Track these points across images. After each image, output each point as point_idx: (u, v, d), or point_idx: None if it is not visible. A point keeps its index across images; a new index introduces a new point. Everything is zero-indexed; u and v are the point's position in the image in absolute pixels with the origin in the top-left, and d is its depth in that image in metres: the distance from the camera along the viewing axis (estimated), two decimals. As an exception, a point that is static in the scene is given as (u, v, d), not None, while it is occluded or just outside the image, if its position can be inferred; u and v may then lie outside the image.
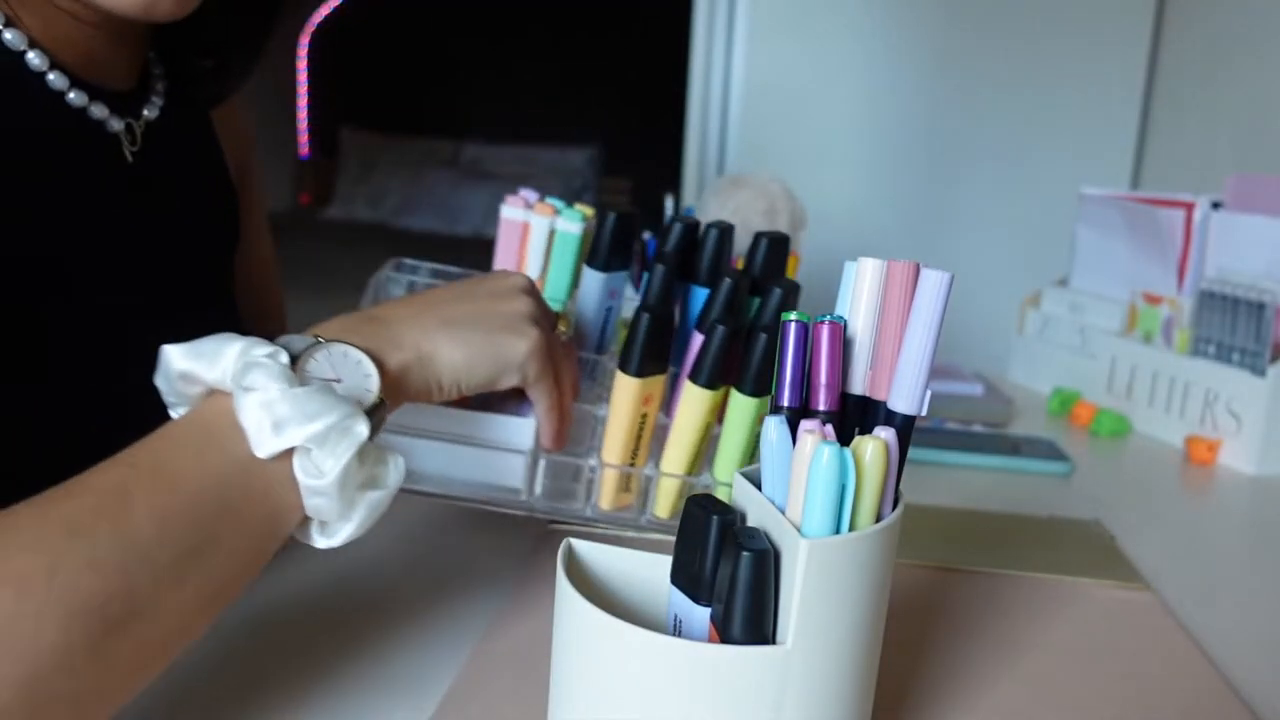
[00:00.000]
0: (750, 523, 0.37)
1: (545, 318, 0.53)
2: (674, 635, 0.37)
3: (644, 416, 0.58)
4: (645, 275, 0.59)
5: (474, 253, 1.08)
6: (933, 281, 0.37)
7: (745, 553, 0.34)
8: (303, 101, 4.35)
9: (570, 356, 0.57)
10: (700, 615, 0.36)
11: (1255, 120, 1.40)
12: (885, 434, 0.35)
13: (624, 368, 0.56)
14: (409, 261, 0.70)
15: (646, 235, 1.02)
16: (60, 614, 0.33)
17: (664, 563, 0.39)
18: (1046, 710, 0.49)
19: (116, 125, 0.57)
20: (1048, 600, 0.61)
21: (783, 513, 0.35)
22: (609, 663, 0.35)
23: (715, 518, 0.36)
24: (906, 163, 1.80)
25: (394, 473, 0.43)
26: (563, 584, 0.36)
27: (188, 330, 0.58)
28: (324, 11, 4.26)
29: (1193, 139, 1.61)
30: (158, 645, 0.37)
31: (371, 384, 0.43)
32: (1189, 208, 1.03)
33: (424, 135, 4.20)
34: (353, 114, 4.27)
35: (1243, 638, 0.58)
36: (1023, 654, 0.54)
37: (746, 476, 0.39)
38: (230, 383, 0.39)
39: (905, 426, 0.37)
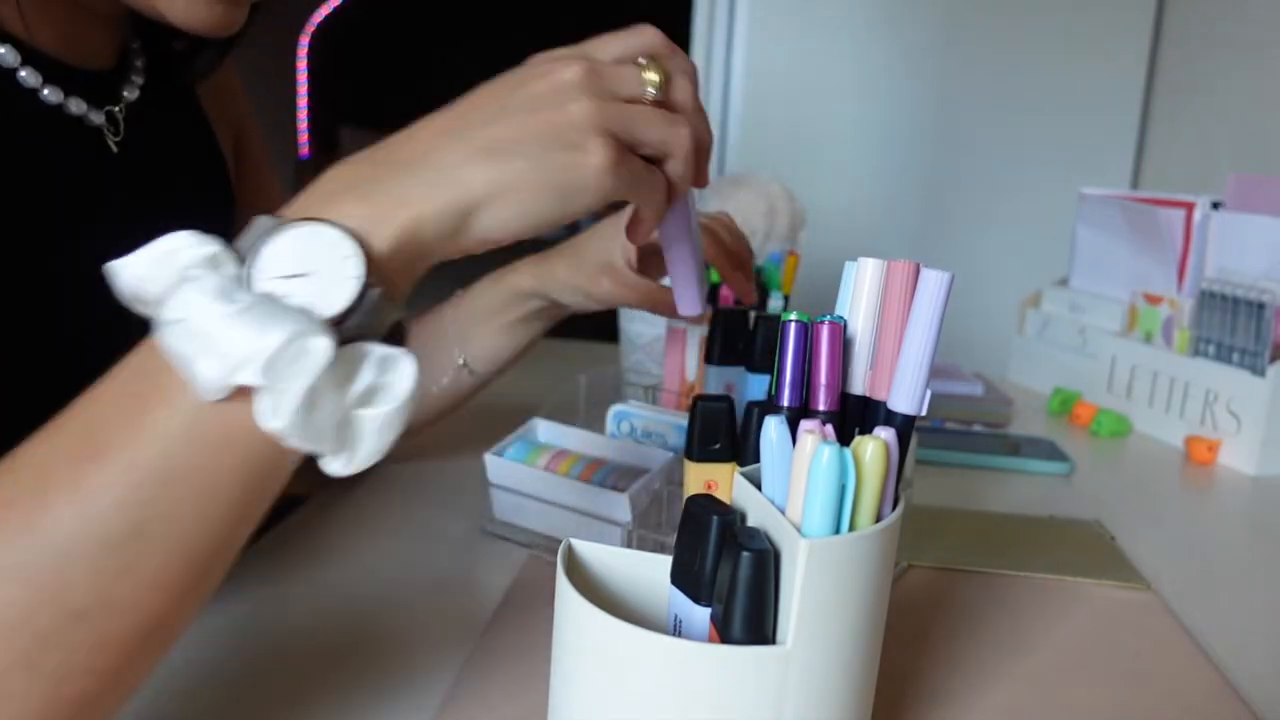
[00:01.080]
0: (750, 523, 0.37)
1: (617, 105, 0.40)
2: (674, 635, 0.37)
3: None
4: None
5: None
6: (933, 281, 0.37)
7: (745, 552, 0.33)
8: (303, 101, 4.35)
9: (674, 129, 0.42)
10: (700, 615, 0.36)
11: (1255, 120, 1.40)
12: (885, 434, 0.35)
13: (687, 454, 0.56)
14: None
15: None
16: (30, 688, 0.30)
17: (664, 563, 0.39)
18: (1046, 710, 0.49)
19: (97, 118, 0.55)
20: (1048, 600, 0.61)
21: (783, 513, 0.35)
22: (610, 663, 0.35)
23: (716, 518, 0.36)
24: (907, 163, 1.80)
25: (402, 380, 0.34)
26: (563, 584, 0.36)
27: None
28: (324, 11, 4.26)
29: (1193, 139, 1.61)
30: (127, 641, 0.32)
31: (351, 268, 0.33)
32: (1189, 208, 1.03)
33: (424, 135, 4.20)
34: (353, 114, 4.27)
35: (1243, 638, 0.58)
36: (1023, 654, 0.54)
37: (746, 477, 0.39)
38: (162, 309, 0.32)
39: (905, 426, 0.37)
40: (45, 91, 0.52)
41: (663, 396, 0.78)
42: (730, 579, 0.34)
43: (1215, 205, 1.02)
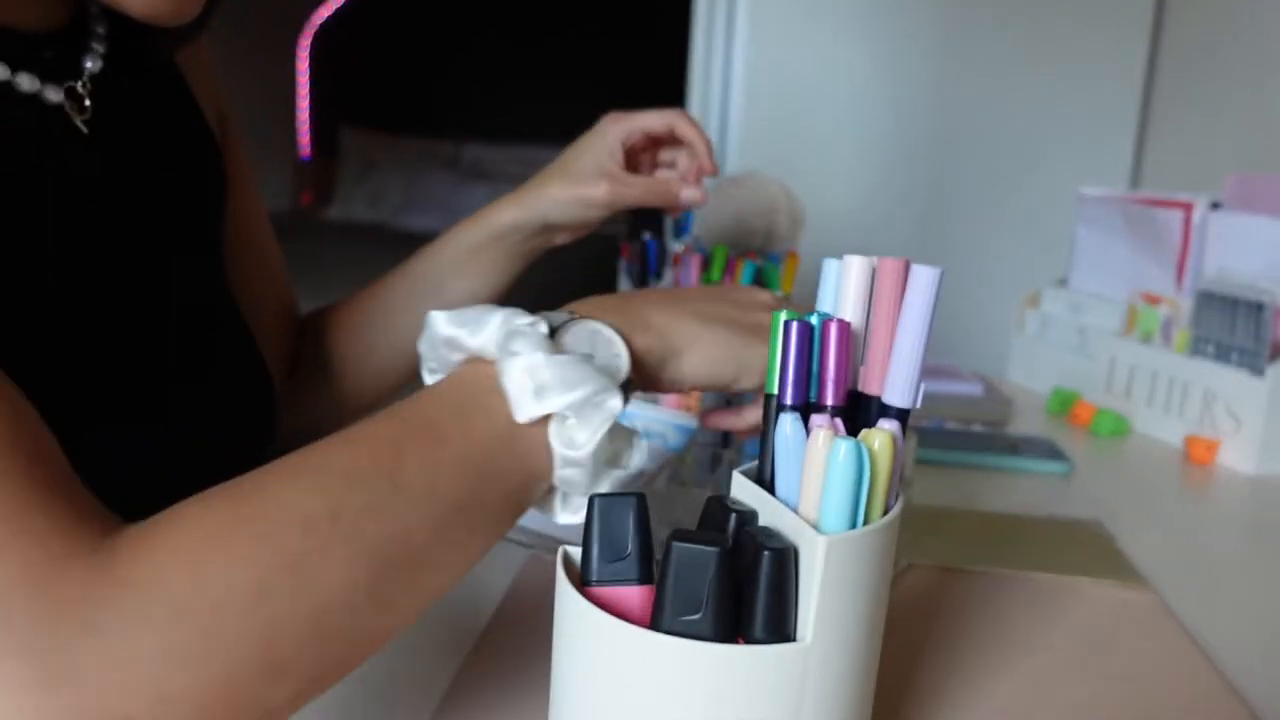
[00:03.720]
0: (761, 522, 0.37)
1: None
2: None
3: None
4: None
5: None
6: (923, 277, 0.37)
7: (766, 551, 0.33)
8: (303, 102, 4.34)
9: None
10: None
11: (1255, 120, 1.40)
12: (890, 425, 0.36)
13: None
14: None
15: (647, 236, 1.02)
16: (343, 554, 0.34)
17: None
18: (1046, 710, 0.49)
19: (54, 95, 0.47)
20: (1047, 600, 0.61)
21: (795, 510, 0.35)
22: (618, 667, 0.34)
23: (734, 514, 0.36)
24: (906, 163, 1.80)
25: (638, 454, 0.43)
26: (564, 586, 0.36)
27: (176, 290, 0.54)
28: (324, 11, 4.26)
29: (1193, 139, 1.61)
30: (421, 593, 0.38)
31: (622, 362, 0.43)
32: (1188, 208, 1.03)
33: (424, 135, 4.19)
34: (353, 114, 4.27)
35: (1242, 638, 0.58)
36: (1021, 653, 0.54)
37: (746, 475, 0.39)
38: (494, 349, 0.40)
39: (901, 420, 0.38)
40: None
41: (663, 396, 0.78)
42: (751, 579, 0.34)
43: (1214, 205, 1.02)
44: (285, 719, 0.34)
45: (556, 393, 0.39)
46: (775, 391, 0.38)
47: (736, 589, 0.34)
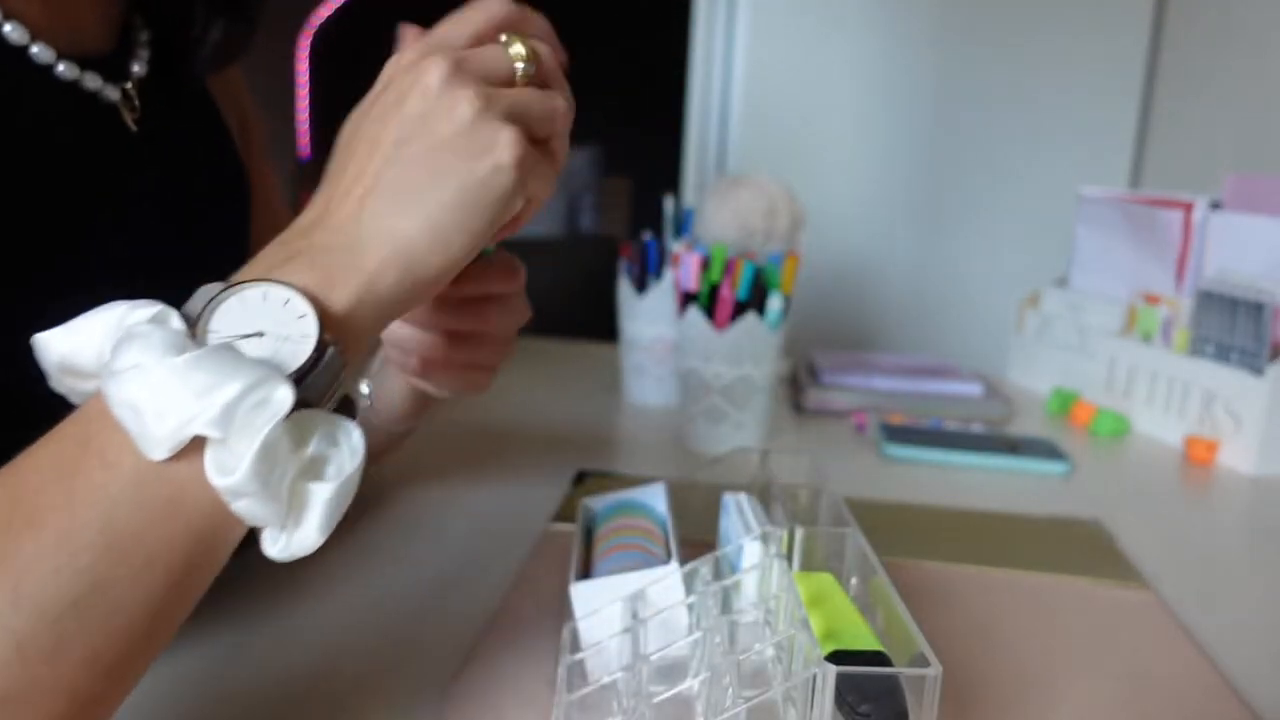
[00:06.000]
0: None
1: (497, 92, 0.38)
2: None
3: None
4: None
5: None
6: None
7: None
8: (303, 102, 4.34)
9: (547, 99, 0.41)
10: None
11: (1255, 120, 1.40)
12: None
13: None
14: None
15: (647, 236, 1.02)
16: None
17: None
18: (1046, 710, 0.49)
19: (113, 94, 0.51)
20: (1047, 600, 0.61)
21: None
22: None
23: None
24: (907, 163, 1.80)
25: (349, 455, 0.32)
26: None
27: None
28: (324, 11, 4.26)
29: (1193, 139, 1.61)
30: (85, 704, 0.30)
31: (307, 326, 0.32)
32: (1188, 208, 1.03)
33: (424, 135, 4.20)
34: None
35: (1242, 638, 0.58)
36: (1020, 653, 0.54)
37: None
38: (103, 366, 0.30)
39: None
40: (60, 68, 0.48)
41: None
42: None
43: (1214, 205, 1.02)
44: None
45: (185, 407, 0.29)
46: None
47: None
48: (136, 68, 0.54)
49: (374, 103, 0.39)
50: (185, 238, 0.56)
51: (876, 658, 0.40)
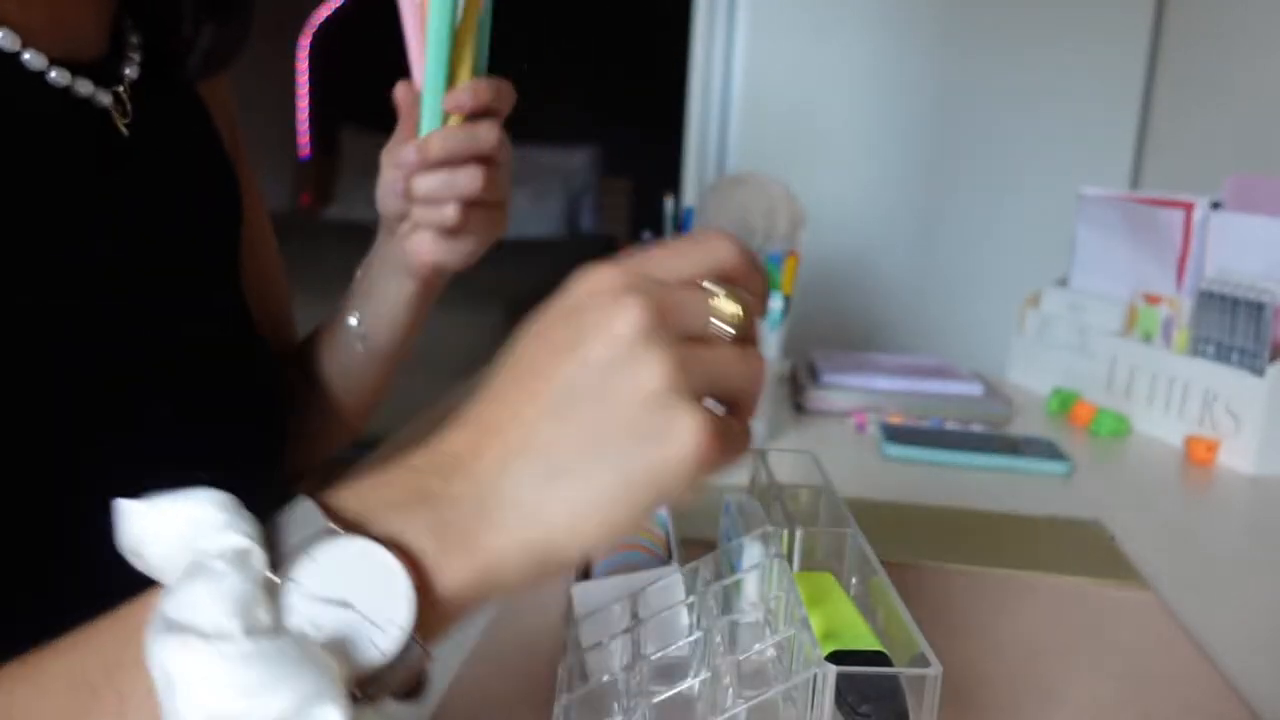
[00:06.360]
0: None
1: (694, 355, 0.32)
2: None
3: None
4: None
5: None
6: None
7: None
8: (303, 102, 4.34)
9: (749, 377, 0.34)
10: None
11: (1255, 120, 1.40)
12: None
13: None
14: None
15: (646, 236, 1.02)
16: None
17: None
18: (1046, 710, 0.49)
19: (104, 99, 0.52)
20: (1046, 600, 0.61)
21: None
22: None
23: None
24: (906, 162, 1.80)
25: None
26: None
27: (196, 319, 0.55)
28: (324, 11, 4.26)
29: (1193, 139, 1.61)
30: None
31: (399, 613, 0.28)
32: (1188, 208, 1.03)
33: (424, 135, 4.20)
34: (353, 114, 4.27)
35: (1242, 637, 0.58)
36: (1021, 653, 0.54)
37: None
38: (167, 588, 0.27)
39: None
40: (53, 74, 0.48)
41: None
42: None
43: (1215, 205, 1.02)
44: None
45: (226, 705, 0.26)
46: None
47: None
48: (128, 71, 0.54)
49: (552, 323, 0.33)
50: (177, 241, 0.56)
51: (877, 658, 0.40)
